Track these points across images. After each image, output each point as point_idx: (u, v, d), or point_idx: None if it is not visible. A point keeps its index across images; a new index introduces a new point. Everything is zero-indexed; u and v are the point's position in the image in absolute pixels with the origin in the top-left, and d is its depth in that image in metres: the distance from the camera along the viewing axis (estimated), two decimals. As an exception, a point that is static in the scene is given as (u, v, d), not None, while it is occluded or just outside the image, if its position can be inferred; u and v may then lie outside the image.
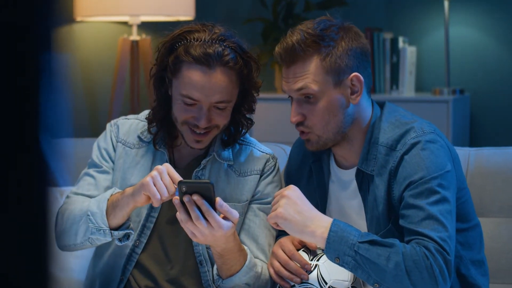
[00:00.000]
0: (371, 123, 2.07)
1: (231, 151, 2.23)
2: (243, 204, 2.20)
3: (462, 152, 2.46)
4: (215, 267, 2.13)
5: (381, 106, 2.13)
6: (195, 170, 2.19)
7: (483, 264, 2.14)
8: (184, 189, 1.94)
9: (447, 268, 1.89)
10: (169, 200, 2.00)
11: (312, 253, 2.05)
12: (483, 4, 4.43)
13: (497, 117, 4.47)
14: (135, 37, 4.20)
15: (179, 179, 1.98)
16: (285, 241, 2.07)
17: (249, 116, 2.24)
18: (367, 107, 2.08)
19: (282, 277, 2.04)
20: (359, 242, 1.91)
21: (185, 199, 1.94)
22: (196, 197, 1.94)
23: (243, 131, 2.23)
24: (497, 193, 2.41)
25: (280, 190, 2.03)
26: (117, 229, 2.08)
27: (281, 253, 2.06)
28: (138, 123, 2.29)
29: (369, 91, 2.09)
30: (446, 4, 4.28)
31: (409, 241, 1.93)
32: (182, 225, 1.98)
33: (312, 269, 2.02)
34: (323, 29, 2.01)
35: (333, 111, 2.02)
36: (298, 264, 2.03)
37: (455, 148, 2.44)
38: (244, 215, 2.21)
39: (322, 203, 2.16)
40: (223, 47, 2.07)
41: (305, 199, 1.99)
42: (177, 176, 2.00)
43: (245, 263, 2.09)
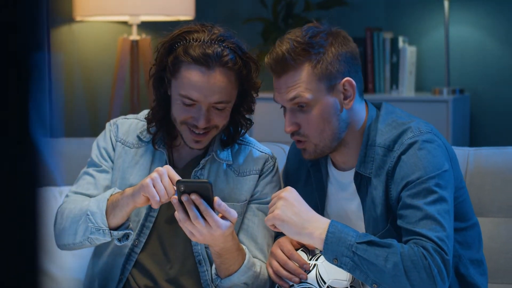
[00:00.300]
0: (367, 125, 2.07)
1: (230, 151, 2.24)
2: (242, 204, 2.20)
3: (461, 152, 2.46)
4: (214, 266, 2.14)
5: (378, 106, 2.13)
6: (194, 169, 2.19)
7: (482, 263, 2.13)
8: (182, 188, 1.94)
9: (445, 268, 1.88)
10: (169, 201, 2.01)
11: (310, 252, 2.05)
12: (483, 4, 4.43)
13: (497, 117, 4.47)
14: (135, 37, 4.20)
15: (179, 179, 1.98)
16: (284, 241, 2.07)
17: (248, 116, 2.24)
18: (361, 110, 2.08)
19: (281, 277, 2.04)
20: (357, 242, 1.91)
21: (184, 198, 1.95)
22: (194, 197, 1.94)
23: (242, 131, 2.24)
24: (496, 193, 2.40)
25: (277, 192, 2.03)
26: (116, 229, 2.08)
27: (279, 253, 2.06)
28: (137, 122, 2.29)
29: (361, 94, 2.08)
30: (446, 4, 4.27)
31: (407, 241, 1.92)
32: (180, 225, 1.98)
33: (310, 268, 2.02)
34: (311, 36, 2.00)
35: (327, 118, 2.02)
36: (296, 264, 2.03)
37: (455, 148, 2.45)
38: (243, 215, 2.21)
39: (321, 205, 2.16)
40: (222, 48, 2.07)
41: (302, 200, 1.99)
42: (178, 177, 2.00)
43: (243, 263, 2.09)
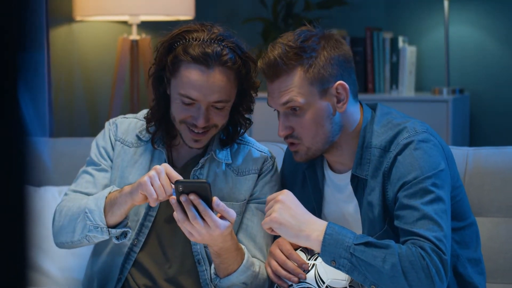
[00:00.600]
0: (363, 127, 2.07)
1: (229, 150, 2.24)
2: (241, 203, 2.20)
3: (460, 151, 2.45)
4: (213, 266, 2.13)
5: (373, 107, 2.12)
6: (193, 169, 2.19)
7: (480, 262, 2.13)
8: (181, 188, 1.94)
9: (444, 267, 1.88)
10: (167, 199, 2.01)
11: (309, 252, 2.05)
12: (483, 4, 4.43)
13: (497, 117, 4.47)
14: (134, 36, 4.20)
15: (177, 179, 1.98)
16: (283, 240, 2.07)
17: (247, 116, 2.24)
18: (355, 112, 2.07)
19: (279, 277, 2.04)
20: (355, 244, 1.91)
21: (182, 198, 1.95)
22: (193, 197, 1.94)
23: (241, 131, 2.24)
24: (496, 193, 2.40)
25: (273, 195, 2.03)
26: (114, 227, 2.08)
27: (278, 252, 2.05)
28: (136, 122, 2.29)
29: (356, 96, 2.08)
30: (446, 3, 4.27)
31: (404, 242, 1.92)
32: (179, 225, 1.98)
33: (309, 268, 2.02)
34: (303, 40, 2.01)
35: (320, 121, 2.02)
36: (295, 263, 2.03)
37: (454, 147, 2.45)
38: (242, 215, 2.21)
39: (318, 207, 2.16)
40: (221, 47, 2.07)
41: (299, 203, 1.98)
42: (176, 175, 2.00)
43: (242, 263, 2.10)
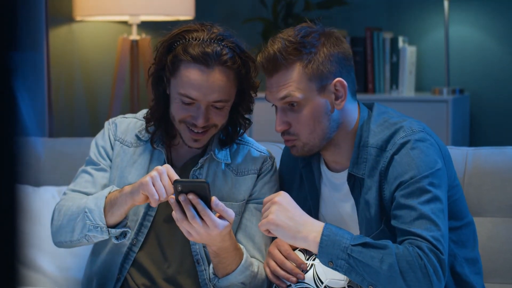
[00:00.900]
0: (359, 126, 2.07)
1: (228, 150, 2.24)
2: (240, 203, 2.20)
3: (460, 151, 2.45)
4: (212, 266, 2.14)
5: (370, 107, 2.12)
6: (193, 169, 2.20)
7: (477, 262, 2.13)
8: (179, 188, 1.94)
9: (441, 267, 1.88)
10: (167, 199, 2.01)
11: (308, 252, 2.05)
12: (483, 4, 4.43)
13: (497, 117, 4.47)
14: (134, 36, 4.20)
15: (176, 179, 1.98)
16: (281, 241, 2.07)
17: (247, 116, 2.24)
18: (353, 111, 2.07)
19: (278, 277, 2.04)
20: (352, 245, 1.91)
21: (181, 198, 1.95)
22: (191, 196, 1.94)
23: (241, 131, 2.24)
24: (495, 193, 2.40)
25: (269, 196, 2.03)
26: (114, 227, 2.08)
27: (277, 252, 2.05)
28: (136, 121, 2.29)
29: (354, 95, 2.08)
30: (446, 4, 4.27)
31: (402, 242, 1.92)
32: (178, 224, 1.98)
33: (308, 268, 2.02)
34: (303, 36, 2.01)
35: (318, 117, 2.02)
36: (294, 263, 2.03)
37: (454, 147, 2.45)
38: (241, 215, 2.21)
39: (315, 207, 2.16)
40: (221, 47, 2.08)
41: (296, 204, 1.98)
42: (177, 177, 2.00)
43: (241, 262, 2.10)
